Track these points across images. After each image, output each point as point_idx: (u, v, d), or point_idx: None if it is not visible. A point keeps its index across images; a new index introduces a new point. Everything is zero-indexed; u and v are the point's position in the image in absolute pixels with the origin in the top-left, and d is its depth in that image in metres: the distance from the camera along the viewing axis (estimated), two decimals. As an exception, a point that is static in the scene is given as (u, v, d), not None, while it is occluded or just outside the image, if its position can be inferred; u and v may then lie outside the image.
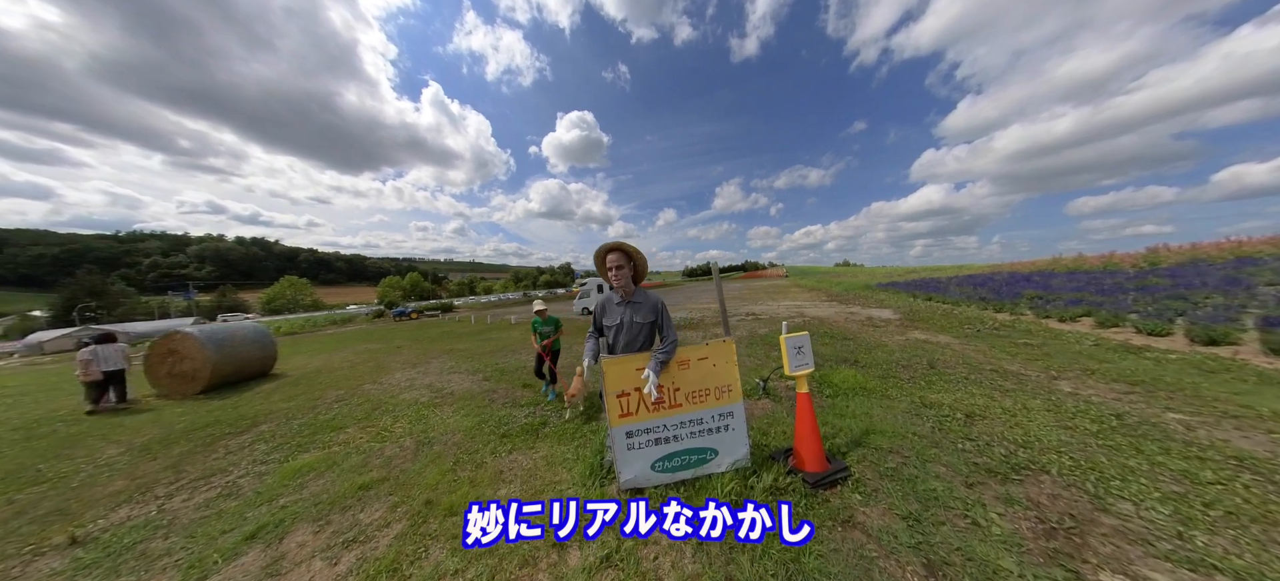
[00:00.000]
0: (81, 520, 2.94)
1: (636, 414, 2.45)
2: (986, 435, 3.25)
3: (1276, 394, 3.74)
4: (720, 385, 2.57)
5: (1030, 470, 2.67)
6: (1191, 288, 9.44)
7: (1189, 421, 3.33)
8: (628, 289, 2.63)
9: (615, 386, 2.46)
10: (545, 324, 5.49)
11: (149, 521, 2.86)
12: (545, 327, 5.46)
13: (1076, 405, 3.78)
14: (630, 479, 2.46)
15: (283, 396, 6.91)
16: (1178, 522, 2.08)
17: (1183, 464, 2.64)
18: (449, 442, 3.97)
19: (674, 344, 2.51)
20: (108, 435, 5.32)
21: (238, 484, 3.41)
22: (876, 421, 3.59)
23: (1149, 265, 14.20)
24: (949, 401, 4.10)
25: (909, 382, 4.87)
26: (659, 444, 2.49)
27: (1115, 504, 2.27)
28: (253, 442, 4.54)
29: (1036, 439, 3.13)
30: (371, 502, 2.87)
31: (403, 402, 5.70)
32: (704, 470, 2.53)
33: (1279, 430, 3.05)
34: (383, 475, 3.30)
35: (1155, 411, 3.57)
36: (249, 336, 9.49)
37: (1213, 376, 4.41)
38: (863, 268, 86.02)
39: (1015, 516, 2.18)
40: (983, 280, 18.54)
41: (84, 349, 7.04)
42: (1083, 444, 3.02)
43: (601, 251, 2.65)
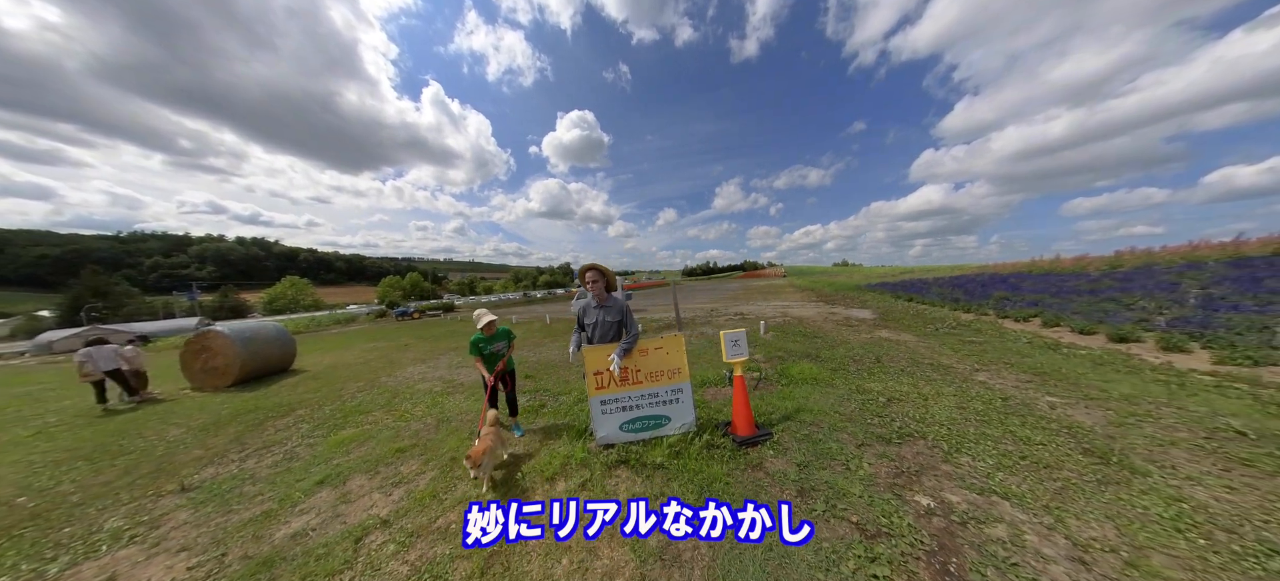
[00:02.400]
0: (181, 476, 3.78)
1: (608, 388, 3.33)
2: (895, 414, 4.08)
3: (1133, 381, 4.59)
4: (671, 368, 3.43)
5: (911, 437, 3.50)
6: (1130, 291, 10.29)
7: (1056, 403, 4.16)
8: (602, 296, 3.48)
9: (592, 367, 3.34)
10: (493, 340, 3.98)
11: (235, 476, 3.70)
12: (495, 345, 4.00)
13: (979, 392, 4.61)
14: (603, 436, 3.33)
15: (308, 388, 7.74)
16: (993, 468, 2.91)
17: (1027, 432, 3.46)
18: (464, 420, 4.81)
19: (635, 337, 3.37)
20: (164, 419, 6.15)
21: (295, 451, 4.25)
22: (812, 403, 4.42)
23: (1110, 268, 15.07)
24: (879, 388, 4.93)
25: (854, 374, 5.70)
26: (625, 411, 3.35)
27: (958, 457, 3.10)
28: (295, 423, 5.38)
29: (932, 416, 3.95)
30: (407, 460, 3.72)
31: (419, 391, 6.53)
32: (659, 432, 3.38)
33: (1114, 407, 3.89)
34: (412, 443, 4.14)
35: (1036, 396, 4.40)
36: (272, 335, 10.33)
37: (1101, 368, 5.25)
38: (861, 267, 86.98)
39: (879, 465, 3.02)
40: (963, 281, 19.40)
41: (80, 351, 7.62)
42: (964, 419, 3.84)
43: (582, 269, 3.50)
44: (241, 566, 2.48)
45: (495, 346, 4.00)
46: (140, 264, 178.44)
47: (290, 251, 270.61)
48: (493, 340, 3.99)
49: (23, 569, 2.67)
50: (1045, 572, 1.92)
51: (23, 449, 5.21)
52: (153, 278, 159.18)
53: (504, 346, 4.07)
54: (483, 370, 3.91)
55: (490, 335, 3.95)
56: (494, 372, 3.86)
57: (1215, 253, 14.70)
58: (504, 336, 4.12)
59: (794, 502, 2.56)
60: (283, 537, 2.73)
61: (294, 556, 2.52)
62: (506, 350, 4.08)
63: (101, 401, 7.46)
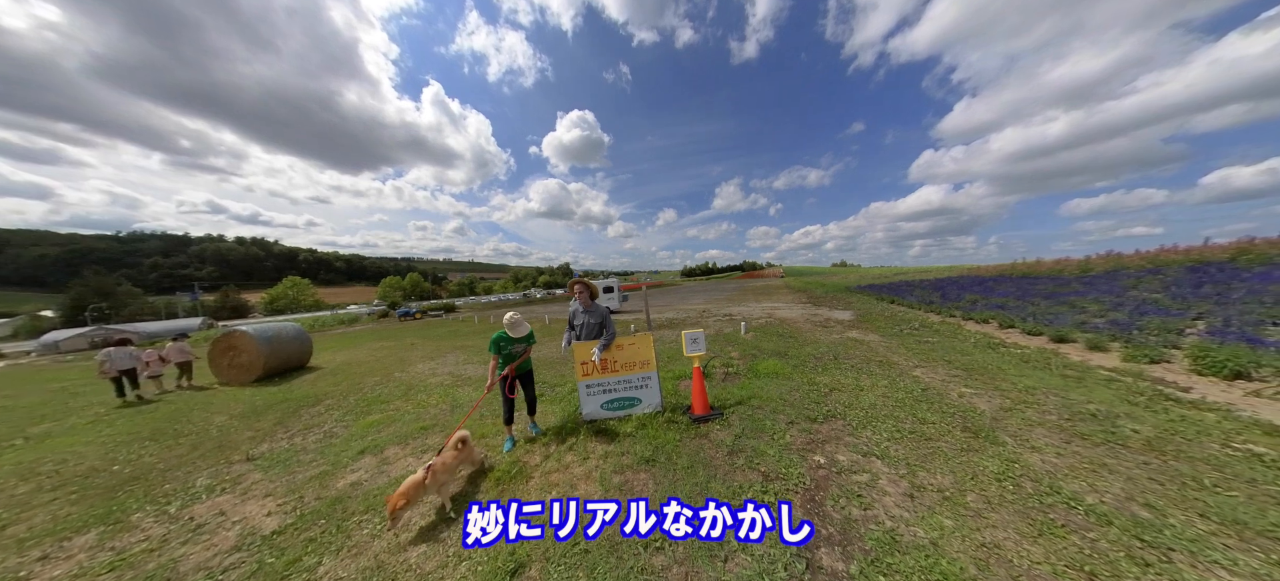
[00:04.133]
0: (243, 451, 4.61)
1: (591, 375, 4.19)
2: (830, 401, 4.88)
3: (1042, 376, 5.39)
4: (641, 360, 4.29)
5: (833, 417, 4.31)
6: (1087, 295, 11.12)
7: (966, 393, 4.97)
8: (587, 303, 4.34)
9: (580, 358, 4.23)
10: (515, 341, 4.05)
11: (288, 449, 4.53)
12: (516, 345, 4.09)
13: (907, 384, 5.41)
14: (588, 413, 4.23)
15: (329, 383, 8.56)
16: (885, 440, 3.71)
17: (927, 414, 4.27)
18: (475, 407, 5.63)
19: (612, 336, 4.23)
20: (206, 408, 6.98)
21: (333, 431, 5.09)
22: (765, 392, 5.23)
23: (1082, 271, 15.92)
24: (826, 381, 5.74)
25: (811, 369, 6.51)
26: (605, 393, 4.24)
27: (862, 432, 3.91)
28: (326, 410, 6.20)
29: (858, 403, 4.76)
30: (431, 435, 4.57)
31: (432, 385, 7.36)
32: (632, 411, 4.26)
33: (1013, 396, 4.68)
34: (434, 423, 4.98)
35: (954, 387, 5.22)
36: (291, 334, 11.17)
37: (1024, 365, 6.06)
38: (859, 268, 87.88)
39: (798, 436, 3.84)
40: (944, 283, 20.25)
41: (101, 351, 8.74)
42: (883, 405, 4.64)
43: (571, 282, 4.40)
44: (318, 503, 3.33)
45: (516, 347, 4.10)
46: (140, 264, 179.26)
47: (290, 251, 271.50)
48: (515, 341, 4.06)
49: (148, 508, 3.52)
50: (879, 502, 2.74)
51: (87, 433, 6.04)
52: (152, 277, 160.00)
53: (523, 347, 4.17)
54: (493, 368, 3.99)
55: (515, 336, 4.03)
56: (504, 373, 4.00)
57: (1178, 257, 15.56)
58: (527, 340, 4.17)
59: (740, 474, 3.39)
60: (343, 486, 3.58)
61: (356, 496, 3.37)
62: (526, 351, 4.22)
63: (120, 395, 8.37)
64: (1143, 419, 3.80)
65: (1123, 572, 2.06)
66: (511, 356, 4.08)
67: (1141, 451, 3.22)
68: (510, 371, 4.03)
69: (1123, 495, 2.68)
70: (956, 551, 2.27)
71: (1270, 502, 2.49)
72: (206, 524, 3.24)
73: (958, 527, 2.47)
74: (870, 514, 2.65)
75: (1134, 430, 3.56)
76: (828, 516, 2.65)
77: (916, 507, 2.68)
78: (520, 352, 4.15)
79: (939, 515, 2.59)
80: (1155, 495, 2.65)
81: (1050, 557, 2.19)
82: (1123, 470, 2.96)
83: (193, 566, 2.73)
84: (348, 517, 3.10)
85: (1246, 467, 2.86)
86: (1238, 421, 3.62)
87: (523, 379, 4.25)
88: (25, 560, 2.97)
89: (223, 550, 2.87)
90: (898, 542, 2.37)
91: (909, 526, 2.50)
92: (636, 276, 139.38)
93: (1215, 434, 3.40)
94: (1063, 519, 2.49)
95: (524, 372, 4.24)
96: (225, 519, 3.29)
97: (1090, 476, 2.92)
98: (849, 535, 2.47)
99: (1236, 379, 4.71)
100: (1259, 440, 3.25)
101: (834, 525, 2.57)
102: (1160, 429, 3.57)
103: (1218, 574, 2.03)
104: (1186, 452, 3.14)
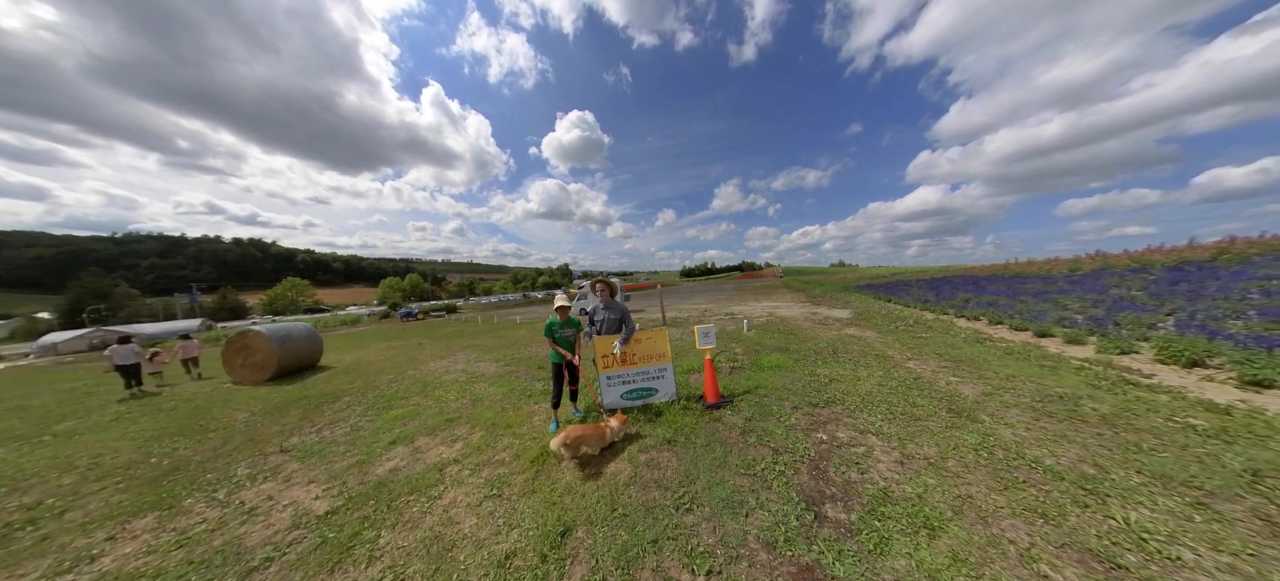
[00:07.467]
0: (275, 443, 4.99)
1: (611, 367, 4.60)
2: (830, 389, 5.35)
3: (1022, 366, 5.88)
4: (658, 353, 4.72)
5: (832, 403, 4.78)
6: (1072, 293, 11.65)
7: (953, 381, 5.45)
8: (607, 300, 4.77)
9: (601, 352, 4.63)
10: (565, 326, 4.45)
11: (320, 441, 4.91)
12: (567, 330, 4.46)
13: (901, 375, 5.88)
14: (609, 402, 4.62)
15: (344, 381, 8.89)
16: (879, 420, 4.18)
17: (917, 399, 4.74)
18: (493, 400, 6.03)
19: (631, 331, 4.64)
20: (226, 405, 7.31)
21: (359, 425, 5.46)
22: (770, 383, 5.69)
23: (1071, 271, 16.49)
24: (826, 373, 6.21)
25: (811, 363, 6.98)
26: (624, 384, 4.65)
27: (859, 414, 4.38)
28: (348, 406, 6.57)
29: (856, 391, 5.22)
30: (457, 425, 4.96)
31: (447, 381, 7.75)
32: (649, 400, 4.67)
33: (994, 383, 5.16)
34: (457, 415, 5.38)
35: (943, 377, 5.69)
36: (303, 334, 11.51)
37: (1006, 357, 6.56)
38: (857, 268, 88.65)
39: (801, 418, 4.30)
40: (938, 283, 20.81)
41: (109, 348, 9.47)
42: (878, 392, 5.11)
43: (592, 281, 4.81)
44: (362, 488, 3.65)
45: (567, 332, 4.46)
46: (137, 265, 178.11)
47: (287, 252, 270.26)
48: (565, 325, 4.45)
49: (197, 495, 3.80)
50: (874, 468, 3.20)
51: (113, 429, 6.28)
52: (149, 278, 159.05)
53: (573, 333, 4.51)
54: (562, 351, 4.39)
55: (564, 320, 4.45)
56: (572, 357, 4.42)
57: (1163, 257, 16.15)
58: (574, 325, 4.55)
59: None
60: (382, 473, 3.90)
61: (396, 481, 3.70)
62: (576, 336, 4.54)
63: (127, 387, 9.18)
64: (1103, 400, 4.29)
65: (1066, 512, 2.52)
66: (565, 341, 4.45)
67: (1097, 425, 3.70)
68: (576, 357, 4.48)
69: (1076, 458, 3.15)
70: (937, 502, 2.73)
71: (1193, 461, 2.97)
72: (258, 507, 3.44)
73: (939, 485, 2.93)
74: (867, 477, 3.11)
75: (1093, 408, 4.05)
76: (830, 480, 3.11)
77: (906, 472, 3.14)
78: (571, 337, 4.50)
79: (924, 476, 3.05)
80: (1103, 458, 3.12)
81: (1011, 504, 2.65)
82: (1079, 440, 3.44)
83: (257, 542, 2.95)
84: (396, 498, 3.36)
85: (1182, 436, 3.34)
86: (1185, 401, 4.11)
87: (571, 367, 4.59)
88: (94, 540, 3.15)
89: (281, 529, 3.10)
90: (889, 497, 2.83)
91: (899, 485, 2.96)
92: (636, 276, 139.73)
93: (1163, 411, 3.89)
94: (1025, 477, 2.95)
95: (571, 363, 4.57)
96: (274, 503, 3.49)
97: (1052, 445, 3.40)
98: (849, 493, 2.93)
99: (1193, 366, 5.21)
100: (1198, 415, 3.74)
101: (836, 486, 3.02)
102: (1117, 407, 4.06)
103: (1141, 511, 2.50)
104: (1135, 425, 3.62)
